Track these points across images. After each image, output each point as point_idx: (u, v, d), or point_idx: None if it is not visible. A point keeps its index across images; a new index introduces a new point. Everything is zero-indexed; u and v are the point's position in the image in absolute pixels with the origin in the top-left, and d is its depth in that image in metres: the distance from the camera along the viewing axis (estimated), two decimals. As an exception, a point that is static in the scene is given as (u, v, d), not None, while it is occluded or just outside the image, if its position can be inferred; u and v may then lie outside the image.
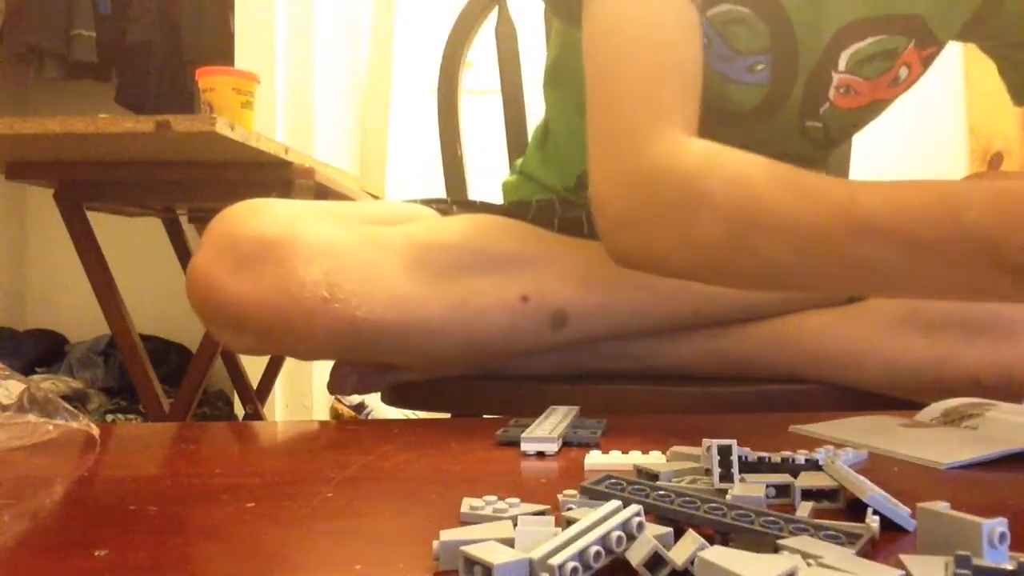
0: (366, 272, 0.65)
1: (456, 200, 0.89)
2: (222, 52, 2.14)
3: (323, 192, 1.57)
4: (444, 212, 0.80)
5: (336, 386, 0.77)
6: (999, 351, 0.67)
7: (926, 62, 0.80)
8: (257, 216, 0.66)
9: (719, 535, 0.31)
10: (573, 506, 0.34)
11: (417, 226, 0.72)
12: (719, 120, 0.77)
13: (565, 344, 0.71)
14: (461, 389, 0.76)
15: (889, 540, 0.32)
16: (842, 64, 0.76)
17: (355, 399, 2.15)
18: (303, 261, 0.64)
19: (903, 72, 0.79)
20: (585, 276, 0.70)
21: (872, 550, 0.30)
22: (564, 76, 0.89)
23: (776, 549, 0.28)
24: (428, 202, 0.83)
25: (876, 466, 0.45)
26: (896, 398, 0.71)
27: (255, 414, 1.91)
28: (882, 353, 0.70)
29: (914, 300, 0.71)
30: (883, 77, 0.78)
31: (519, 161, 0.98)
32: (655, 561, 0.27)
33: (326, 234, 0.66)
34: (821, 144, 0.83)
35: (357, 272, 0.64)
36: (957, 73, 2.53)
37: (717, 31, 0.73)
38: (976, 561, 0.25)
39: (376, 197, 2.10)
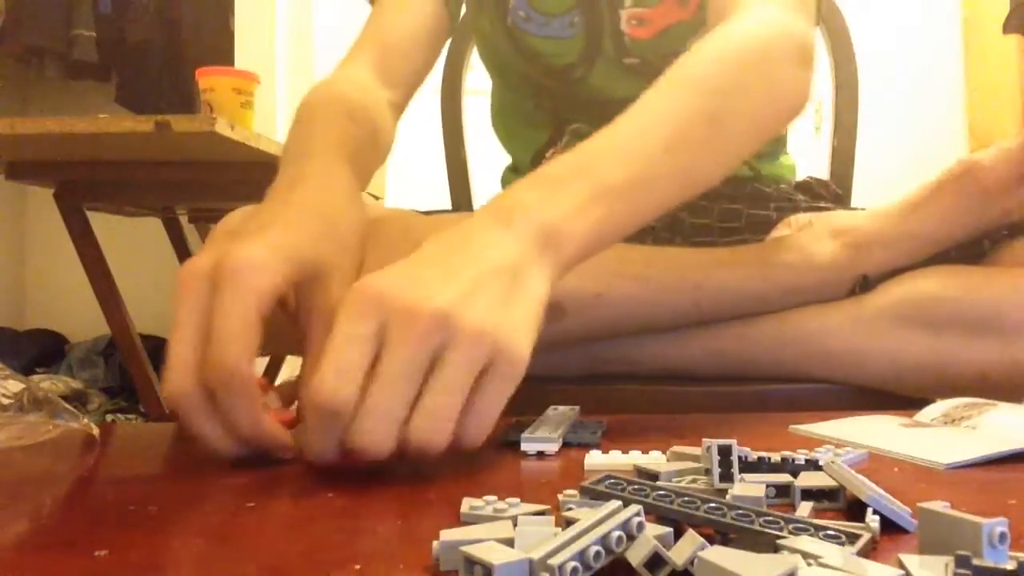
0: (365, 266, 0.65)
1: (452, 210, 0.91)
2: (222, 52, 2.14)
3: (323, 192, 1.57)
4: None
5: None
6: (1006, 347, 0.67)
7: None
8: None
9: (719, 535, 0.31)
10: (573, 506, 0.34)
11: (407, 223, 0.72)
12: (561, 77, 0.89)
13: (565, 338, 0.71)
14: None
15: (889, 540, 0.32)
16: (627, 0, 0.84)
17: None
18: None
19: None
20: (580, 268, 0.70)
21: (872, 550, 0.30)
22: (505, 116, 1.01)
23: (776, 549, 0.28)
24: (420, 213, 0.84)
25: (876, 466, 0.45)
26: (899, 396, 0.71)
27: (255, 414, 1.91)
28: (887, 350, 0.70)
29: (919, 297, 0.71)
30: (666, 2, 0.84)
31: None
32: (655, 561, 0.27)
33: None
34: (656, 78, 0.85)
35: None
36: (957, 73, 2.53)
37: (528, 3, 0.86)
38: (976, 561, 0.25)
39: (377, 198, 2.10)
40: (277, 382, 1.99)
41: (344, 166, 0.63)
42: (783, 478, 0.38)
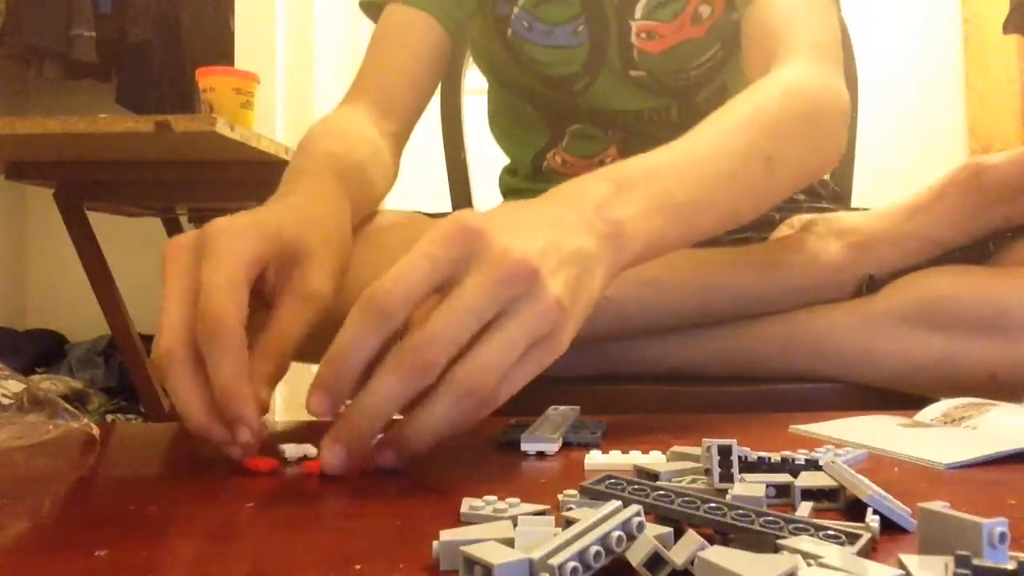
0: (363, 267, 0.65)
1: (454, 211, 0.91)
2: (222, 52, 2.14)
3: (323, 192, 1.57)
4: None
5: None
6: (1014, 346, 0.67)
7: (729, 1, 0.84)
8: None
9: (719, 535, 0.31)
10: (573, 506, 0.34)
11: (412, 229, 0.72)
12: (562, 87, 0.90)
13: (575, 342, 0.71)
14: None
15: (889, 540, 0.32)
16: (638, 12, 0.84)
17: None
18: None
19: (704, 10, 0.84)
20: None
21: (872, 550, 0.30)
22: (501, 119, 1.01)
23: (776, 549, 0.28)
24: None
25: (876, 466, 0.45)
26: (900, 396, 0.71)
27: (255, 414, 1.91)
28: (895, 349, 0.70)
29: (927, 297, 0.71)
30: (679, 19, 0.84)
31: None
32: (655, 561, 0.27)
33: None
34: (662, 94, 0.89)
35: (358, 263, 0.65)
36: (957, 73, 2.53)
37: (530, 14, 0.86)
38: (976, 561, 0.25)
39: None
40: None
41: (333, 184, 0.63)
42: (783, 478, 0.38)
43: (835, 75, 0.72)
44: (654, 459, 0.44)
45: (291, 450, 0.49)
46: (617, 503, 0.30)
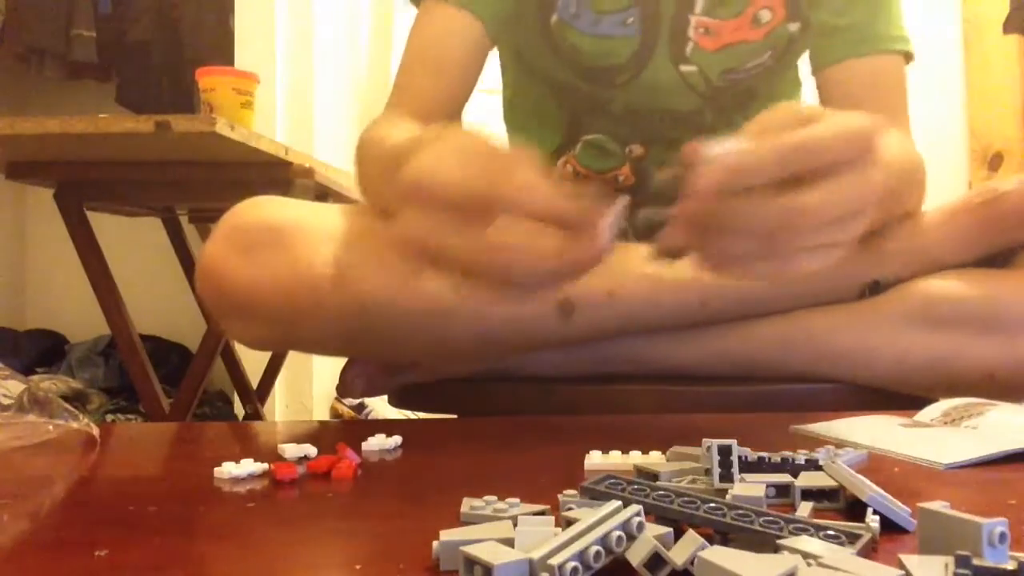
0: (374, 254, 0.65)
1: None
2: (222, 52, 2.14)
3: (323, 192, 1.57)
4: None
5: (345, 388, 0.77)
6: (1014, 346, 0.67)
7: (790, 8, 0.83)
8: (267, 207, 0.69)
9: (719, 535, 0.31)
10: (573, 506, 0.34)
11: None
12: (602, 80, 0.87)
13: (574, 338, 0.71)
14: (469, 391, 0.76)
15: (889, 540, 0.32)
16: (698, 7, 0.82)
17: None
18: (311, 243, 0.66)
19: (764, 15, 0.83)
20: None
21: (872, 550, 0.30)
22: (518, 113, 0.99)
23: (776, 549, 0.28)
24: None
25: (876, 466, 0.45)
26: (900, 396, 0.71)
27: (255, 414, 1.91)
28: (894, 349, 0.70)
29: (925, 296, 0.71)
30: (739, 19, 0.83)
31: None
32: (655, 561, 0.27)
33: (334, 221, 0.68)
34: (705, 94, 0.87)
35: (365, 254, 0.65)
36: (957, 73, 2.53)
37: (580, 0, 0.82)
38: (976, 561, 0.25)
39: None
40: (277, 381, 1.98)
41: None
42: (783, 478, 0.38)
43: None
44: (654, 459, 0.44)
45: (291, 450, 0.49)
46: (617, 503, 0.30)
